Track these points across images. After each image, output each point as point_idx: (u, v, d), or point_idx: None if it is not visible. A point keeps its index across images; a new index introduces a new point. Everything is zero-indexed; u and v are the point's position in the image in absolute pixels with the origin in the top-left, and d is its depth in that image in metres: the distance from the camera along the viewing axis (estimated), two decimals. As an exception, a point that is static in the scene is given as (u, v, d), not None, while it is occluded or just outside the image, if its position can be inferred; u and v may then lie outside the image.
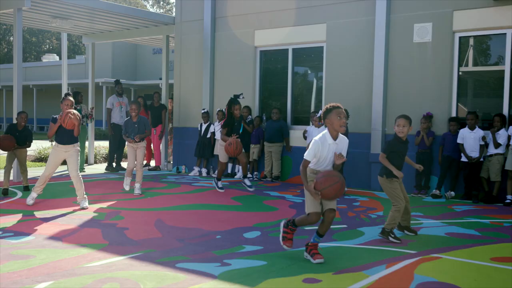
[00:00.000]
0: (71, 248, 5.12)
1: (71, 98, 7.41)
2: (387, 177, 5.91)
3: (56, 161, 7.42)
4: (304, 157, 4.82)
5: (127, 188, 8.87)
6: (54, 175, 11.21)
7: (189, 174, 11.68)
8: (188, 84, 12.27)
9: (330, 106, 4.87)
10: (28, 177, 8.96)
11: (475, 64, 9.22)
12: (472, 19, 8.80)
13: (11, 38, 51.67)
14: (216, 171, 9.45)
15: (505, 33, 8.60)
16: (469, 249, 5.40)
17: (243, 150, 8.70)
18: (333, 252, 5.24)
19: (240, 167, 11.09)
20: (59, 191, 8.76)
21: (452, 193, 8.81)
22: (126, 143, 9.20)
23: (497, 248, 5.50)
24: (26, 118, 8.57)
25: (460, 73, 9.09)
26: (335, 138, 4.82)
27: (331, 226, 5.50)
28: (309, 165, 4.80)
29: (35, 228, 6.00)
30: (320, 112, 9.72)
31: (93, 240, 5.49)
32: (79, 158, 7.63)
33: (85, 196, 7.39)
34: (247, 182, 8.80)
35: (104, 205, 7.62)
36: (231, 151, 8.29)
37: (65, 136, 7.33)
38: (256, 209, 7.60)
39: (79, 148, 7.54)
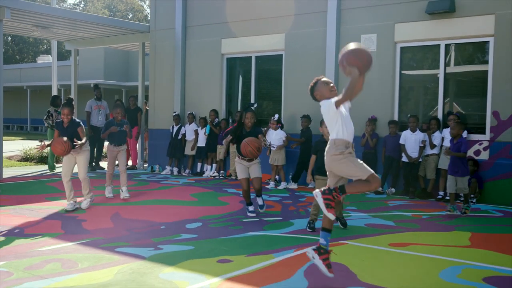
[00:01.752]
0: (30, 236, 5.97)
1: (69, 108, 7.43)
2: (317, 174, 6.72)
3: (68, 164, 7.55)
4: (335, 102, 4.39)
5: (110, 195, 8.75)
6: (35, 173, 12.09)
7: (162, 173, 12.54)
8: (162, 88, 13.13)
9: (313, 81, 4.74)
10: (9, 176, 9.77)
11: (414, 71, 10.07)
12: (411, 31, 9.65)
13: (8, 38, 52.52)
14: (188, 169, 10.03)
15: (439, 44, 9.45)
16: (375, 237, 6.25)
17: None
18: (256, 239, 6.08)
19: (213, 165, 12.00)
20: (34, 189, 9.61)
21: (393, 189, 9.67)
22: (107, 147, 9.01)
23: (400, 236, 6.36)
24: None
25: (401, 80, 9.93)
26: None
27: (267, 219, 6.42)
28: (340, 136, 4.41)
29: (2, 219, 6.85)
30: (277, 115, 10.61)
31: (51, 229, 6.35)
32: (88, 158, 7.74)
33: (89, 197, 7.71)
34: (259, 201, 7.57)
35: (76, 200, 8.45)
36: (243, 150, 7.16)
37: (70, 143, 7.33)
38: (208, 204, 8.45)
39: (88, 148, 7.74)
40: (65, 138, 7.29)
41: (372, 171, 4.35)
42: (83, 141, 7.45)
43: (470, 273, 4.84)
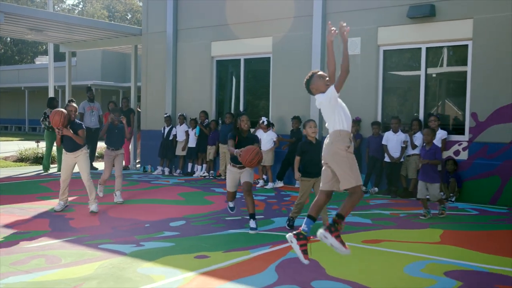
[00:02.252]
0: (18, 234, 6.24)
1: (74, 105, 7.61)
2: (301, 176, 6.90)
3: (67, 167, 7.60)
4: (334, 86, 4.45)
5: (101, 194, 8.68)
6: (30, 174, 12.36)
7: (153, 173, 12.80)
8: (154, 90, 13.39)
9: (309, 74, 4.73)
10: (4, 176, 10.03)
11: (397, 74, 10.34)
12: (394, 34, 9.91)
13: (7, 39, 52.78)
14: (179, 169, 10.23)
15: (421, 47, 9.72)
16: (351, 234, 6.49)
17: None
18: (236, 237, 6.35)
19: (203, 166, 12.24)
20: (26, 189, 9.88)
21: (376, 189, 9.93)
22: (104, 151, 8.86)
23: (374, 233, 6.62)
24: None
25: (384, 82, 10.20)
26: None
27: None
28: (345, 127, 4.43)
29: (-5, 218, 7.12)
30: (264, 118, 10.81)
31: (39, 227, 6.61)
32: (89, 162, 7.75)
33: (96, 200, 7.68)
34: (252, 224, 6.75)
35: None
36: (244, 159, 6.45)
37: (69, 144, 7.49)
38: (195, 203, 8.71)
39: (87, 151, 7.68)
40: (65, 112, 7.36)
41: (361, 180, 4.46)
42: (77, 137, 7.41)
43: (433, 268, 5.10)
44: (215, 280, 4.65)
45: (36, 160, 14.64)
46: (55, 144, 12.76)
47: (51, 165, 13.16)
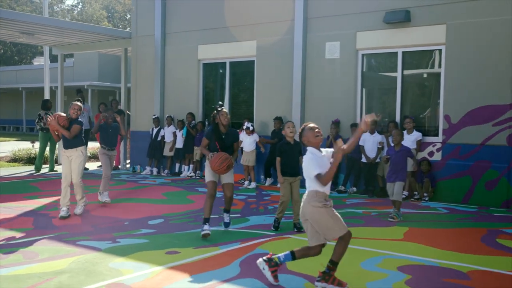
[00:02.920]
0: (0, 231, 6.55)
1: (79, 103, 7.55)
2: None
3: (66, 165, 7.51)
4: (315, 175, 4.49)
5: (106, 199, 8.62)
6: (21, 174, 12.67)
7: (142, 173, 13.13)
8: (143, 92, 13.70)
9: (301, 127, 4.83)
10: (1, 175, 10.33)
11: (375, 77, 10.66)
12: (371, 39, 10.22)
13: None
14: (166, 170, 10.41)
15: (397, 51, 10.03)
16: (319, 232, 6.80)
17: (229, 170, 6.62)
18: (210, 234, 6.65)
19: (190, 166, 12.54)
20: (16, 188, 10.19)
21: (354, 188, 10.24)
22: (99, 150, 9.02)
23: (342, 231, 6.91)
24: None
25: (363, 85, 10.51)
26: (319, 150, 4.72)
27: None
28: (321, 189, 4.59)
29: (-19, 217, 7.44)
30: (248, 124, 11.07)
31: (22, 225, 6.92)
32: (83, 163, 7.57)
33: (82, 203, 7.65)
34: (226, 218, 6.94)
35: (53, 199, 9.01)
36: (213, 165, 6.44)
37: (66, 141, 7.47)
38: (177, 202, 9.02)
39: (82, 151, 7.54)
40: (63, 115, 7.45)
41: (346, 227, 4.63)
42: (65, 131, 7.34)
43: (388, 263, 5.41)
44: (180, 273, 4.96)
45: (29, 160, 14.97)
46: (48, 144, 13.15)
47: (43, 165, 13.46)
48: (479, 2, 9.04)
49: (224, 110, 6.69)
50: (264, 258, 4.76)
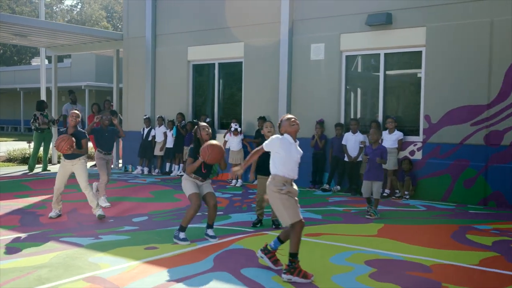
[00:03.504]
0: (-12, 228, 6.80)
1: (77, 112, 7.37)
2: (258, 174, 7.34)
3: (63, 175, 7.39)
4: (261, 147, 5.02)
5: (105, 204, 8.43)
6: (15, 173, 12.91)
7: (133, 172, 13.36)
8: (134, 92, 13.94)
9: (280, 119, 5.16)
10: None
11: (358, 78, 10.89)
12: (355, 41, 10.45)
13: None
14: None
15: (379, 53, 10.27)
16: (296, 228, 7.03)
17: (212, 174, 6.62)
18: (190, 231, 6.83)
19: (180, 165, 12.76)
20: (7, 187, 10.43)
21: (338, 187, 10.48)
22: (95, 154, 8.76)
23: (319, 227, 7.14)
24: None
25: (347, 86, 10.75)
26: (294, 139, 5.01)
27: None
28: (279, 173, 4.87)
29: (-29, 214, 7.67)
30: (235, 126, 11.31)
31: (9, 222, 7.16)
32: (87, 170, 7.43)
33: (99, 206, 7.52)
34: (210, 232, 6.44)
35: (42, 198, 9.24)
36: (203, 154, 6.11)
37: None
38: (163, 200, 9.26)
39: (85, 159, 7.44)
40: (68, 138, 7.12)
41: (299, 217, 4.82)
42: (81, 151, 7.30)
43: (357, 257, 5.64)
44: (155, 267, 5.19)
45: (24, 160, 15.21)
46: (42, 145, 13.39)
47: (37, 165, 13.69)
48: (457, 5, 9.27)
49: (204, 124, 6.40)
50: (261, 248, 5.26)
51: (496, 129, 8.94)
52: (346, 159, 10.31)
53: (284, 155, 4.90)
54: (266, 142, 5.06)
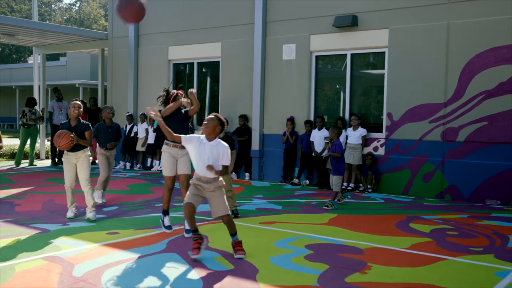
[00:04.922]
0: (-35, 215, 7.29)
1: (78, 102, 7.20)
2: None
3: (70, 170, 7.14)
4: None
5: (100, 201, 8.36)
6: (0, 168, 13.39)
7: (116, 167, 13.85)
8: (118, 90, 14.44)
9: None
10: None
11: (327, 77, 11.37)
12: (323, 42, 10.94)
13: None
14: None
15: (346, 53, 10.76)
16: (253, 218, 7.51)
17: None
18: (154, 219, 7.34)
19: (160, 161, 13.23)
20: (-9, 180, 10.93)
21: (307, 181, 10.97)
22: (97, 151, 8.52)
23: (275, 217, 7.62)
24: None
25: (316, 84, 11.24)
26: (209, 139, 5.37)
27: (178, 204, 7.47)
28: (195, 169, 5.42)
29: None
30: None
31: (-15, 211, 7.66)
32: (89, 164, 7.21)
33: (94, 210, 7.19)
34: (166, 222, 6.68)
35: (23, 189, 9.72)
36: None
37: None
38: (137, 192, 9.74)
39: (89, 153, 7.25)
40: (67, 134, 6.90)
41: (189, 200, 5.37)
42: (85, 142, 7.08)
43: (299, 242, 6.12)
44: (112, 249, 5.68)
45: (12, 156, 15.69)
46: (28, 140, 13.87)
47: (23, 161, 14.17)
48: (418, 9, 9.75)
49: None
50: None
51: (452, 126, 9.43)
52: (314, 154, 10.80)
53: (198, 154, 5.40)
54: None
